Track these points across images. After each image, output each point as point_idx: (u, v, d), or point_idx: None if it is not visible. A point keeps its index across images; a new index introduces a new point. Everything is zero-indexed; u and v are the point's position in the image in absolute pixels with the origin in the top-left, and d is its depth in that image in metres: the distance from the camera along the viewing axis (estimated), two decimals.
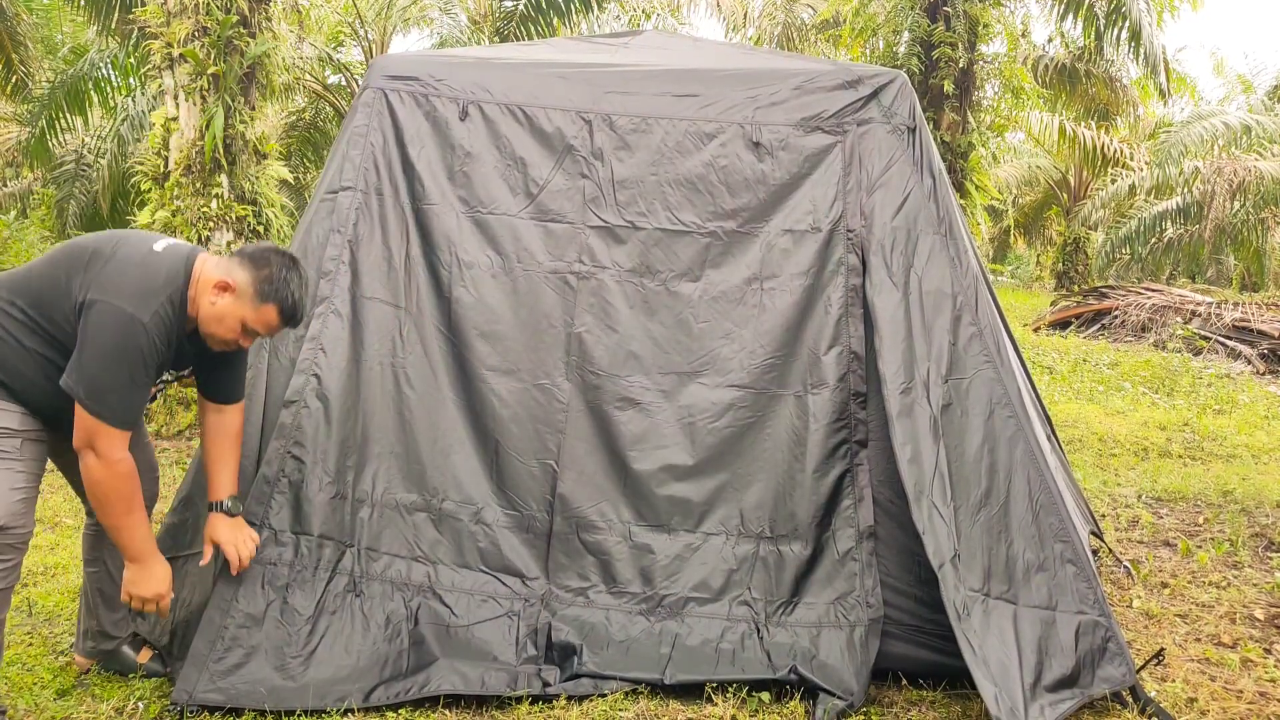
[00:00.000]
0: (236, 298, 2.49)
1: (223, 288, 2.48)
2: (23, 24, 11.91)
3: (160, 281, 2.43)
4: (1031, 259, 31.80)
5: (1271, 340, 10.46)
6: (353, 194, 3.21)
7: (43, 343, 2.44)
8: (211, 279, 2.49)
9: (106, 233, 2.60)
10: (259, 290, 2.49)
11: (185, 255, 2.52)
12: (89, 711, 2.66)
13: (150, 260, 2.46)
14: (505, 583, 2.97)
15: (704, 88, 3.30)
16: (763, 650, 2.86)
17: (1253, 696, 2.90)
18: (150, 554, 2.55)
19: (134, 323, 2.34)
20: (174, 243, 2.57)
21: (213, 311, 2.49)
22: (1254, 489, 5.29)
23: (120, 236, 2.55)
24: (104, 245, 2.48)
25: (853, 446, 3.04)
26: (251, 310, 2.50)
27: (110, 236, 2.54)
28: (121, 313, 2.34)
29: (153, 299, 2.39)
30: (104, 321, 2.34)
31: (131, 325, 2.34)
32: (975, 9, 9.76)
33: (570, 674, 2.79)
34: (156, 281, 2.42)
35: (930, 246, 3.10)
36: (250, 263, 2.51)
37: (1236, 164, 17.78)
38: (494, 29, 12.57)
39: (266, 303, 2.50)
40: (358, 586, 2.91)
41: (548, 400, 3.12)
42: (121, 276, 2.40)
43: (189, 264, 2.50)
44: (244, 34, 6.26)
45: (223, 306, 2.49)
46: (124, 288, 2.38)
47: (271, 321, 2.54)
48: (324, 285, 3.14)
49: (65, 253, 2.50)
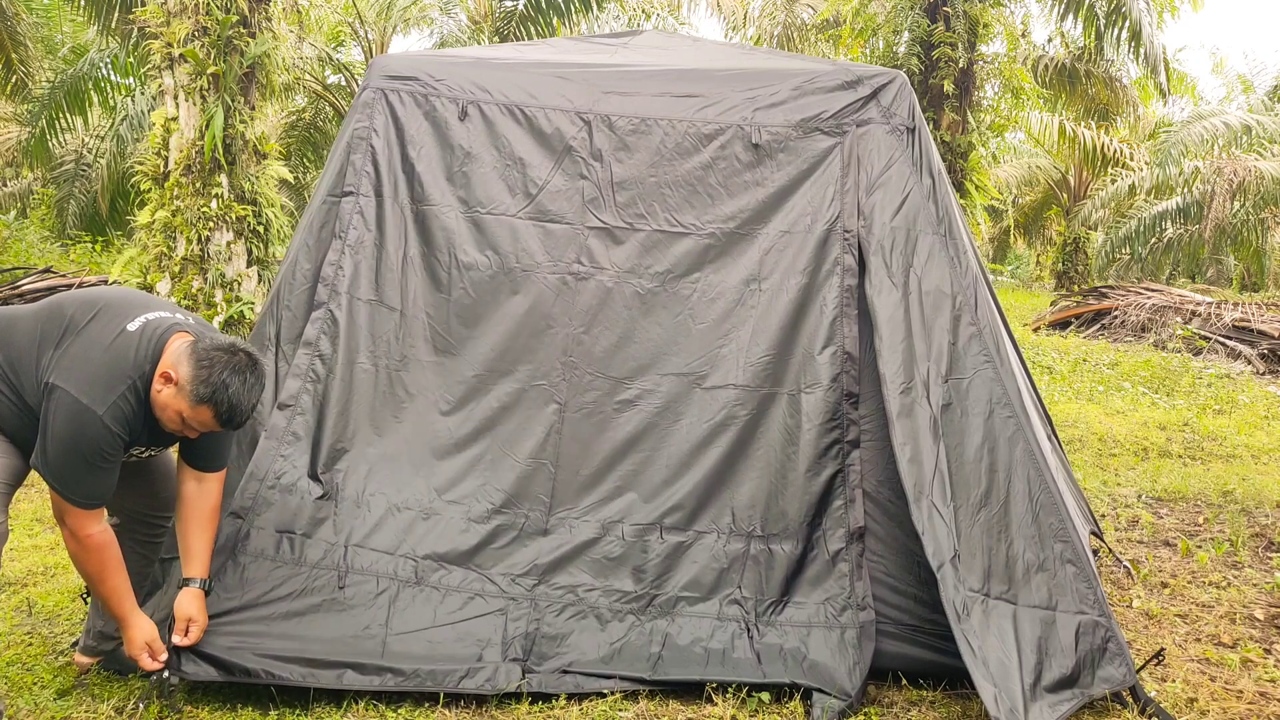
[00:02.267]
0: (177, 390, 2.42)
1: (165, 378, 2.43)
2: (23, 24, 11.91)
3: (125, 369, 2.40)
4: (1031, 259, 31.80)
5: (1271, 340, 10.46)
6: (355, 199, 3.23)
7: (15, 395, 2.45)
8: (164, 365, 2.44)
9: (90, 295, 2.56)
10: (194, 390, 2.41)
11: (159, 336, 2.47)
12: (89, 711, 2.66)
13: (117, 344, 2.42)
14: (495, 581, 2.97)
15: (703, 88, 3.30)
16: (753, 651, 2.86)
17: (1253, 696, 2.90)
18: (128, 614, 2.58)
19: (88, 415, 2.33)
20: (152, 320, 2.50)
21: (158, 399, 2.44)
22: (1254, 489, 5.29)
23: (101, 304, 2.50)
24: (80, 315, 2.46)
25: (845, 447, 3.05)
26: (188, 406, 2.43)
27: (90, 303, 2.50)
28: (77, 404, 2.33)
29: (111, 390, 2.37)
30: (60, 411, 2.34)
31: (86, 417, 2.34)
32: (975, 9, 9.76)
33: (558, 671, 2.78)
34: (120, 369, 2.39)
35: (930, 246, 3.10)
36: (195, 359, 2.42)
37: (1236, 164, 17.79)
38: (494, 29, 12.57)
39: (201, 404, 2.42)
40: (342, 580, 2.90)
41: (544, 401, 3.12)
42: (84, 362, 2.38)
43: (159, 347, 2.46)
44: (244, 34, 6.26)
45: (165, 396, 2.43)
46: (84, 376, 2.36)
47: (207, 421, 2.46)
48: (322, 291, 3.17)
49: (49, 313, 2.49)
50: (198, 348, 2.45)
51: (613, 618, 2.93)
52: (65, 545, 2.49)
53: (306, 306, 3.20)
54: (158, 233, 6.36)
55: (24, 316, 2.52)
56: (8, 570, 3.70)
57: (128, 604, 2.58)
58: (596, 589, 2.97)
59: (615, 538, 3.02)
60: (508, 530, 3.03)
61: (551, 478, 3.07)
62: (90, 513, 2.43)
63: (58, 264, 11.84)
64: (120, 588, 2.55)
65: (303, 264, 3.23)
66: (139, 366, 2.42)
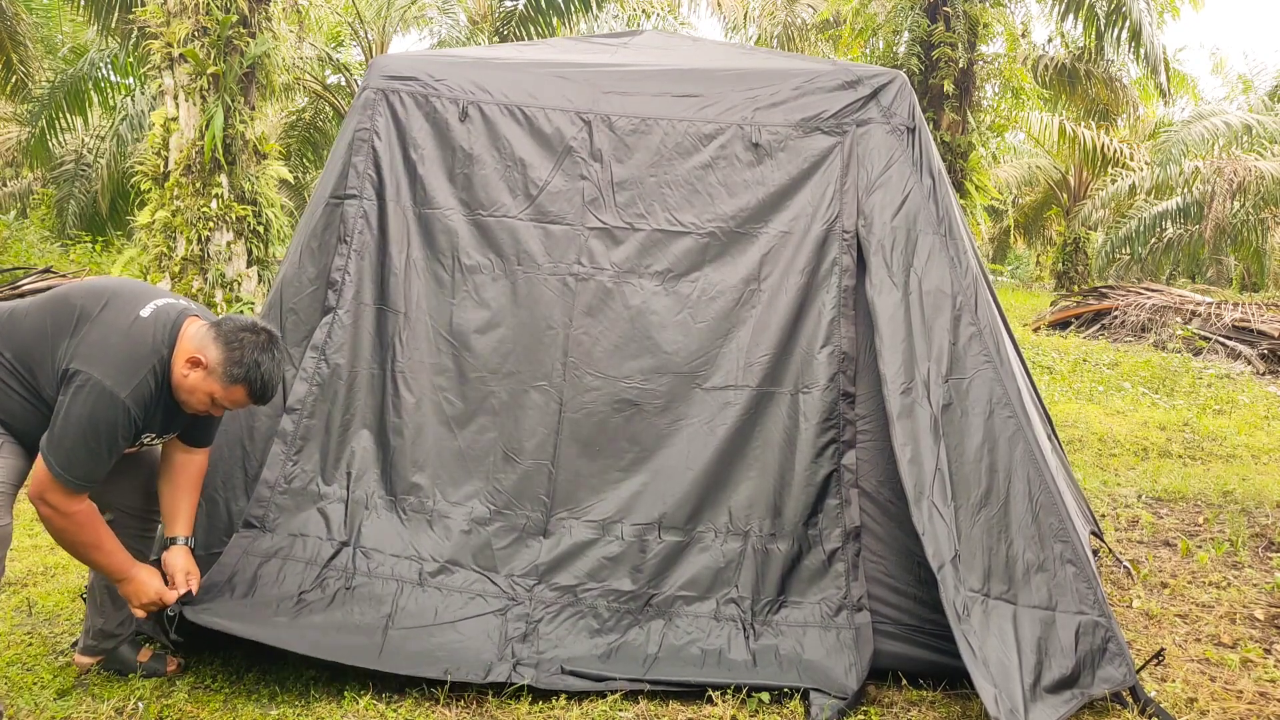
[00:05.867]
0: (207, 373, 2.50)
1: (194, 363, 2.49)
2: (23, 24, 11.92)
3: (144, 353, 2.45)
4: (1031, 259, 31.81)
5: (1271, 340, 10.46)
6: (358, 202, 3.24)
7: (27, 389, 2.47)
8: (187, 350, 2.50)
9: (95, 285, 2.59)
10: (227, 371, 2.50)
11: (172, 321, 2.53)
12: (89, 711, 2.66)
13: (135, 330, 2.47)
14: (495, 581, 2.98)
15: (703, 88, 3.30)
16: (749, 652, 2.86)
17: (1253, 696, 2.90)
18: (130, 569, 2.61)
19: (114, 399, 2.37)
20: (162, 305, 2.56)
21: (184, 383, 2.51)
22: (1254, 489, 5.29)
23: (109, 293, 2.54)
24: (90, 304, 2.49)
25: (841, 446, 3.05)
26: (220, 388, 2.52)
27: (98, 293, 2.54)
28: (102, 388, 2.37)
29: (135, 374, 2.41)
30: (83, 394, 2.37)
31: (111, 401, 2.37)
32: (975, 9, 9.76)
33: (557, 671, 2.79)
34: (140, 353, 2.44)
35: (930, 246, 3.10)
36: (224, 341, 2.51)
37: (1236, 164, 17.79)
38: (493, 29, 12.58)
39: (235, 384, 2.52)
40: (349, 582, 2.94)
41: (545, 401, 3.13)
42: (104, 347, 2.42)
43: (174, 332, 2.52)
44: (244, 34, 6.26)
45: (193, 380, 2.50)
46: (106, 360, 2.40)
47: (240, 400, 2.57)
48: (331, 296, 3.20)
49: (54, 306, 2.51)
50: (223, 330, 2.53)
51: (611, 617, 2.93)
52: (48, 524, 2.47)
53: (312, 310, 3.22)
54: (158, 233, 6.36)
55: (24, 310, 2.53)
56: (8, 570, 3.70)
57: (126, 560, 2.61)
58: (595, 589, 2.97)
59: (614, 538, 3.02)
60: (508, 531, 3.05)
61: (551, 478, 3.07)
62: (76, 493, 2.45)
63: (58, 264, 11.85)
64: (116, 549, 2.58)
65: (307, 267, 3.24)
66: (157, 351, 2.47)
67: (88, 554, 2.56)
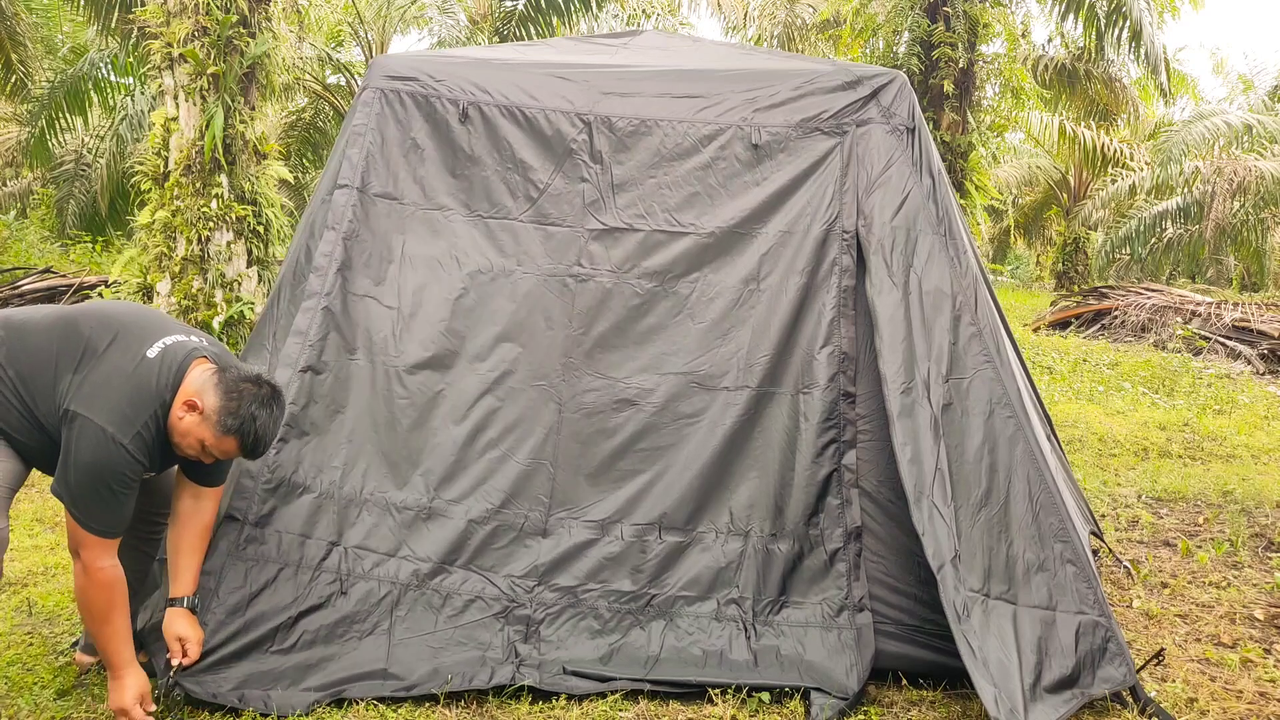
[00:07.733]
0: (202, 419, 2.46)
1: (190, 406, 2.46)
2: (23, 24, 11.91)
3: (147, 397, 2.42)
4: (1031, 259, 31.79)
5: (1271, 340, 10.45)
6: (349, 191, 3.21)
7: (25, 409, 2.45)
8: (186, 393, 2.46)
9: (106, 314, 2.57)
10: (221, 420, 2.45)
11: (178, 364, 2.49)
12: (89, 711, 2.67)
13: (140, 372, 2.44)
14: (495, 582, 2.97)
15: (703, 89, 3.30)
16: (750, 652, 2.86)
17: (1253, 696, 2.90)
18: (124, 665, 2.53)
19: (113, 444, 2.35)
20: (170, 345, 2.52)
21: (179, 425, 2.47)
22: (1254, 489, 5.29)
23: (118, 326, 2.51)
24: (98, 338, 2.47)
25: (841, 446, 3.05)
26: (212, 436, 2.47)
27: (108, 324, 2.51)
28: (102, 433, 2.35)
29: (135, 419, 2.39)
30: (84, 440, 2.35)
31: (111, 447, 2.35)
32: (975, 9, 9.77)
33: (557, 672, 2.79)
34: (143, 397, 2.41)
35: (930, 246, 3.10)
36: (223, 389, 2.46)
37: (1237, 164, 17.80)
38: (493, 29, 12.57)
39: (228, 434, 2.47)
40: (344, 585, 2.90)
41: (544, 401, 3.12)
42: (107, 390, 2.39)
43: (179, 375, 2.48)
44: (244, 34, 6.26)
45: (188, 424, 2.46)
46: (109, 405, 2.37)
47: (230, 451, 2.52)
48: (314, 280, 3.14)
49: (63, 330, 2.48)
50: (225, 378, 2.48)
51: (611, 618, 2.93)
52: (75, 580, 2.46)
53: None
54: (158, 233, 6.35)
55: (35, 330, 2.51)
56: (8, 570, 3.70)
57: (127, 651, 2.53)
58: (595, 589, 2.96)
59: (614, 538, 3.02)
60: (507, 531, 3.03)
61: (551, 478, 3.07)
62: (106, 544, 2.43)
63: (58, 264, 11.84)
64: (123, 631, 2.52)
65: (304, 264, 3.22)
66: (160, 395, 2.44)
67: (96, 625, 2.51)
